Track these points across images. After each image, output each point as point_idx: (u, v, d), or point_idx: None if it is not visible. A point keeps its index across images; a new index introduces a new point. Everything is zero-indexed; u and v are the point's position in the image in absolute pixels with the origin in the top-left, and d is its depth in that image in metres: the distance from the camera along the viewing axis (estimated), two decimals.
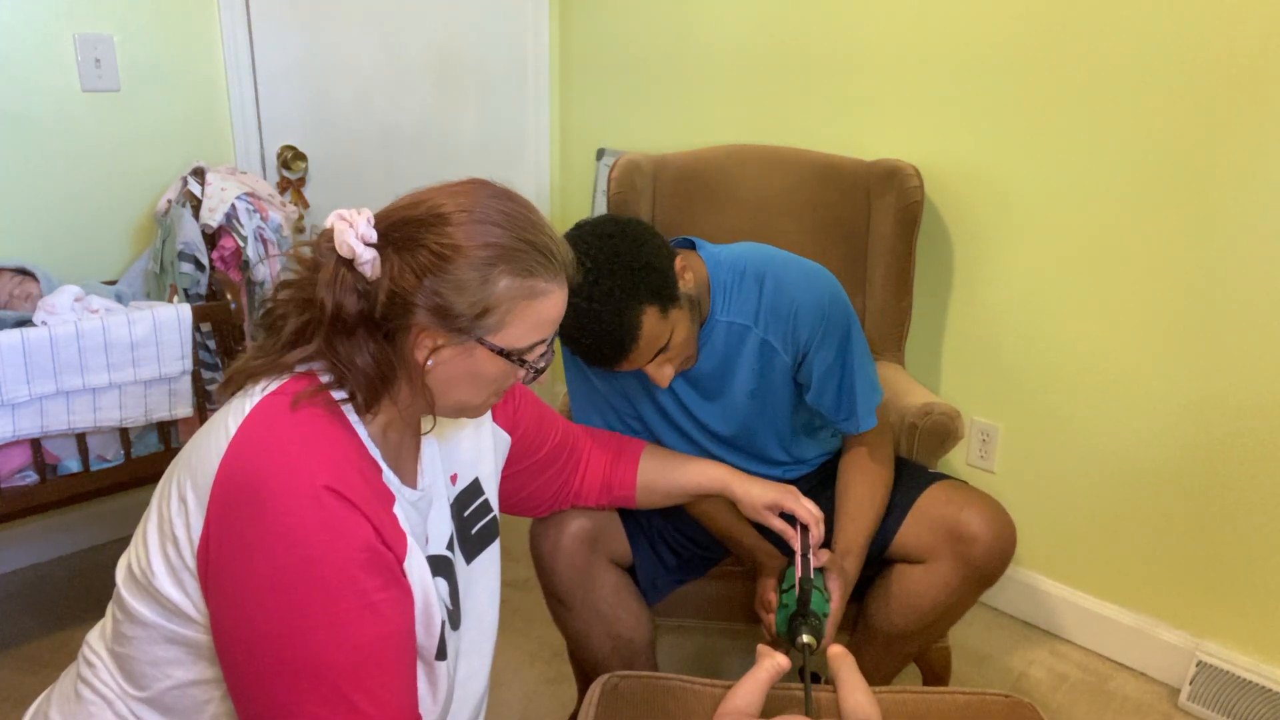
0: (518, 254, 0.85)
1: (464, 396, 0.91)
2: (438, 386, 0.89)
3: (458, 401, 0.91)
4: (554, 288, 0.89)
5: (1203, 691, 1.76)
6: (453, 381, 0.88)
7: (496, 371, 0.89)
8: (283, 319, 0.87)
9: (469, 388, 0.90)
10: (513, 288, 0.85)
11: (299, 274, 0.87)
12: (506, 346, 0.87)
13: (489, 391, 0.92)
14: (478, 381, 0.89)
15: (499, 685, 1.79)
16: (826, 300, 1.30)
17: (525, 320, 0.87)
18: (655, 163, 1.99)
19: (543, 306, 0.88)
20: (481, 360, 0.88)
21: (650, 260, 1.15)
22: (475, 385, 0.90)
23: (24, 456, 1.66)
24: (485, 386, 0.91)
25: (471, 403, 0.92)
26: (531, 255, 0.86)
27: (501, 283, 0.84)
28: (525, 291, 0.86)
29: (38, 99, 1.99)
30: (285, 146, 2.38)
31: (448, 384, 0.89)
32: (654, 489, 1.32)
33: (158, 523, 0.83)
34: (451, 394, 0.90)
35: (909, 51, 1.98)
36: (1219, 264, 1.65)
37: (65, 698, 0.90)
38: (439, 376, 0.88)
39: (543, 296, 0.88)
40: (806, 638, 1.11)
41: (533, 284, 0.86)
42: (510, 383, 0.93)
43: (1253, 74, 1.55)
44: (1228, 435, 1.70)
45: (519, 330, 0.87)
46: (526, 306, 0.86)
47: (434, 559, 0.95)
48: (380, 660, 0.79)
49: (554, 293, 0.89)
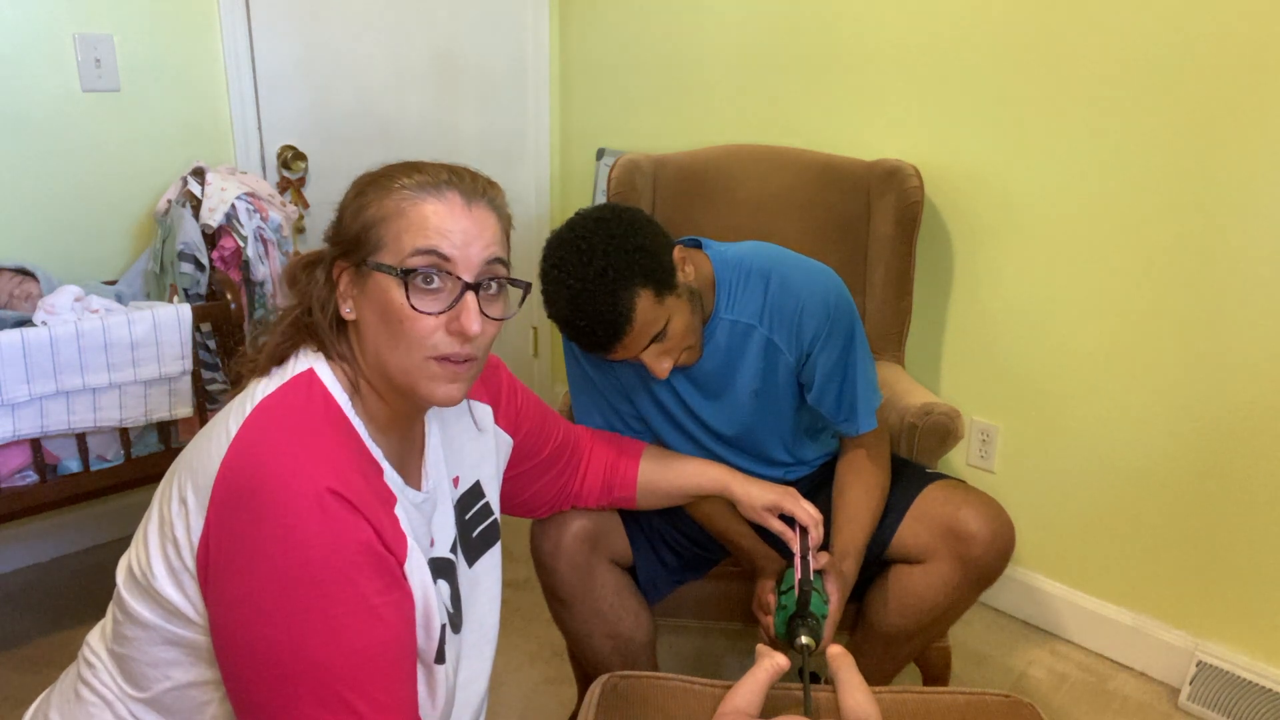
0: (387, 174, 0.90)
1: (388, 353, 0.88)
2: (366, 341, 0.89)
3: (389, 362, 0.88)
4: (428, 198, 0.87)
5: (1203, 691, 1.76)
6: (372, 330, 0.88)
7: (398, 305, 0.85)
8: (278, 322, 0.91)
9: (386, 336, 0.87)
10: (383, 206, 0.87)
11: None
12: (390, 262, 0.86)
13: (414, 346, 0.87)
14: (389, 324, 0.86)
15: (499, 685, 1.79)
16: (832, 300, 1.30)
17: (400, 231, 0.86)
18: (655, 163, 1.99)
19: (413, 212, 0.87)
20: (378, 288, 0.87)
21: (645, 244, 1.15)
22: (389, 332, 0.87)
23: (24, 456, 1.66)
24: (401, 335, 0.86)
25: (402, 363, 0.87)
26: (399, 179, 0.89)
27: (373, 201, 0.88)
28: (393, 208, 0.87)
29: (38, 99, 1.99)
30: (285, 146, 2.38)
31: (370, 336, 0.89)
32: (654, 490, 1.32)
33: (158, 524, 0.83)
34: (379, 349, 0.88)
35: (909, 51, 1.98)
36: (1219, 264, 1.65)
37: (65, 698, 0.90)
38: (362, 328, 0.89)
39: (411, 204, 0.87)
40: (805, 639, 1.11)
41: (400, 196, 0.87)
42: (444, 346, 0.87)
43: (1253, 75, 1.55)
44: (1228, 435, 1.70)
45: (396, 243, 0.86)
46: (397, 218, 0.87)
47: (437, 561, 0.95)
48: (380, 663, 0.79)
49: (428, 201, 0.87)
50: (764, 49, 2.23)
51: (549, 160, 2.86)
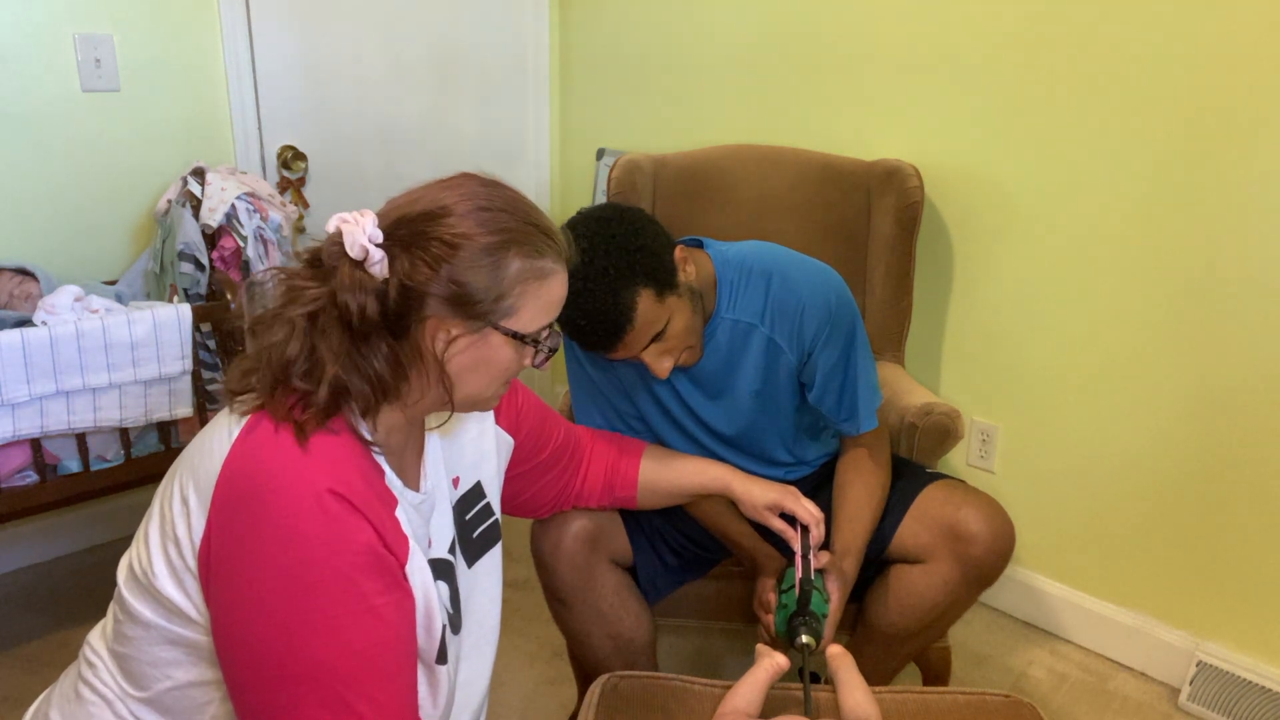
0: (527, 235, 0.86)
1: (476, 388, 0.90)
2: (448, 378, 0.88)
3: (470, 394, 0.91)
4: (558, 268, 0.90)
5: (1203, 691, 1.77)
6: (465, 373, 0.88)
7: (508, 357, 0.89)
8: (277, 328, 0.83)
9: (482, 377, 0.90)
10: (524, 270, 0.86)
11: (294, 284, 0.84)
12: (520, 330, 0.88)
13: (500, 380, 0.92)
14: (490, 370, 0.89)
15: (499, 685, 1.79)
16: (834, 299, 1.30)
17: (536, 302, 0.88)
18: (655, 163, 1.99)
19: (550, 287, 0.89)
20: (495, 346, 0.88)
21: (646, 244, 1.16)
22: (488, 374, 0.90)
23: (24, 456, 1.66)
24: (497, 375, 0.91)
25: (484, 394, 0.92)
26: (538, 236, 0.87)
27: (514, 265, 0.85)
28: (535, 273, 0.87)
29: (38, 99, 1.99)
30: (285, 146, 2.38)
31: (460, 376, 0.88)
32: (655, 489, 1.32)
33: (159, 523, 0.83)
34: (464, 386, 0.89)
35: (909, 51, 1.98)
36: (1219, 263, 1.65)
37: (65, 698, 0.90)
38: (452, 369, 0.87)
39: (551, 277, 0.89)
40: (805, 638, 1.11)
41: (541, 264, 0.87)
42: (518, 369, 0.93)
43: (1252, 75, 1.55)
44: (1228, 435, 1.70)
45: (530, 313, 0.88)
46: (537, 288, 0.87)
47: (435, 562, 0.95)
48: (380, 664, 0.79)
49: (558, 273, 0.90)
50: (764, 49, 2.24)
51: (549, 160, 2.86)
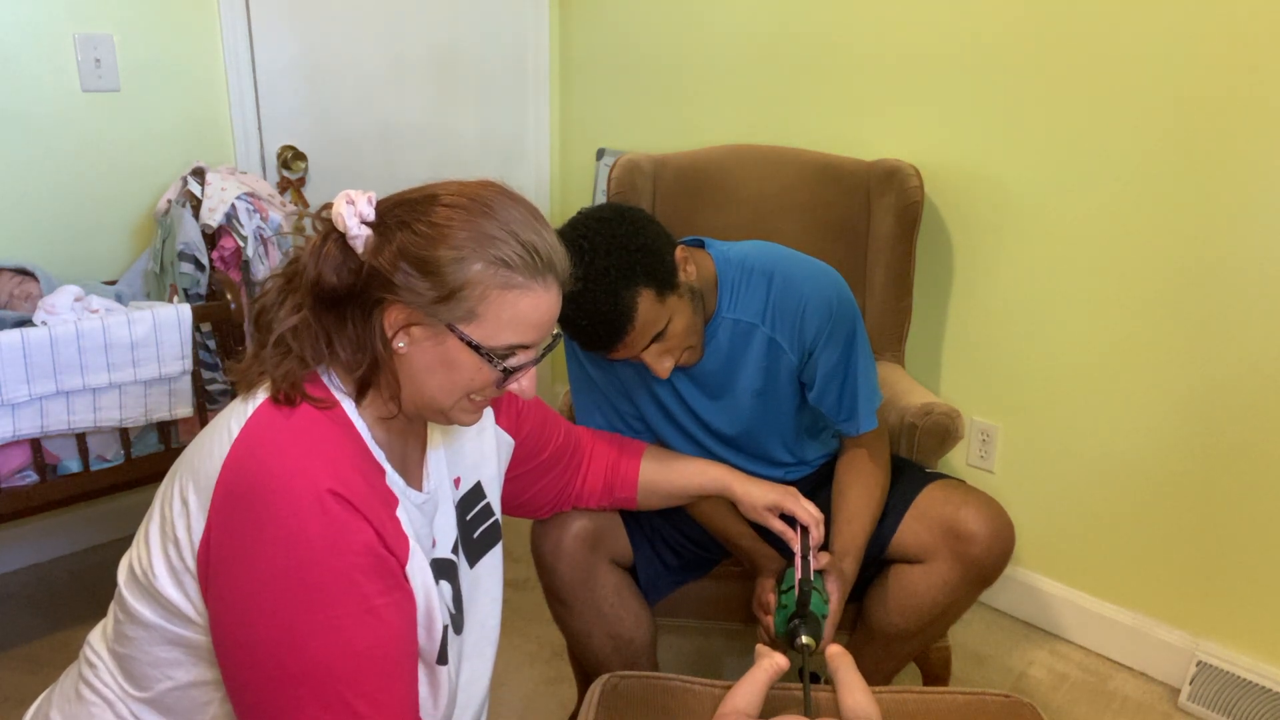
0: (497, 242, 0.83)
1: (432, 391, 0.87)
2: (409, 373, 0.86)
3: (428, 397, 0.88)
4: (535, 285, 0.85)
5: (1203, 691, 1.77)
6: (424, 371, 0.86)
7: (469, 367, 0.86)
8: (274, 309, 0.88)
9: (439, 381, 0.86)
10: (485, 274, 0.82)
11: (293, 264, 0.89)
12: (479, 340, 0.84)
13: (459, 391, 0.88)
14: (449, 376, 0.86)
15: (499, 685, 1.79)
16: (835, 299, 1.30)
17: (500, 314, 0.84)
18: (655, 163, 1.99)
19: (520, 301, 0.84)
20: (453, 351, 0.85)
21: (647, 244, 1.15)
22: (446, 380, 0.86)
23: (24, 456, 1.66)
24: (457, 384, 0.87)
25: (441, 401, 0.88)
26: (512, 246, 0.83)
27: (474, 266, 0.82)
28: (499, 281, 0.83)
29: (38, 99, 1.99)
30: (285, 146, 2.38)
31: (419, 373, 0.86)
32: (655, 490, 1.32)
33: (159, 523, 0.83)
34: (422, 385, 0.87)
35: (909, 51, 1.98)
36: (1219, 264, 1.65)
37: (66, 698, 0.90)
38: (412, 362, 0.85)
39: (519, 290, 0.84)
40: (805, 639, 1.11)
41: (508, 275, 0.83)
42: (488, 392, 0.89)
43: (1252, 75, 1.55)
44: (1227, 435, 1.70)
45: (493, 325, 0.84)
46: (500, 297, 0.83)
47: (439, 562, 0.95)
48: (381, 665, 0.79)
49: (535, 290, 0.85)
50: (764, 49, 2.24)
51: (549, 160, 2.86)
